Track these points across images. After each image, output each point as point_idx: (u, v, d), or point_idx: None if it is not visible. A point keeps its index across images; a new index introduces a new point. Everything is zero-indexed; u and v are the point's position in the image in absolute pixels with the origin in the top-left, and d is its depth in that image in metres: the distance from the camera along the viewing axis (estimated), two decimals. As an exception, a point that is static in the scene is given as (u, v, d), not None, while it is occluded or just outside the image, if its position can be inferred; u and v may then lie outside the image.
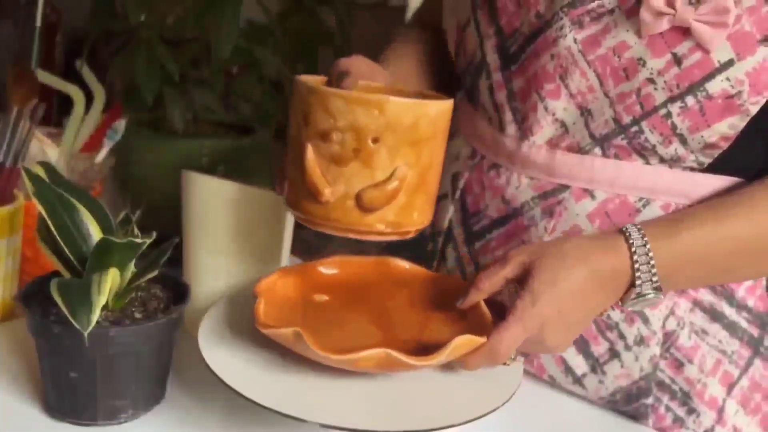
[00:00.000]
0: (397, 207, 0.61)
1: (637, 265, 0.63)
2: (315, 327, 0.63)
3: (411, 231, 0.63)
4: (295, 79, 0.61)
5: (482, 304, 0.66)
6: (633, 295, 0.64)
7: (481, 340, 0.61)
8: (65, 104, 0.94)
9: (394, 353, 0.57)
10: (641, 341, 0.70)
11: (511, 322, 0.61)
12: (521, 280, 0.63)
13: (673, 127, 0.65)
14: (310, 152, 0.60)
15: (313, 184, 0.60)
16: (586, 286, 0.63)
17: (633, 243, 0.63)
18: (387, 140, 0.58)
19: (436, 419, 0.58)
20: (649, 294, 0.63)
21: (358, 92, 0.59)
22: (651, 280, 0.63)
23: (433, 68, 0.85)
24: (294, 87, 0.62)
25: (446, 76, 0.86)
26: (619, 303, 0.65)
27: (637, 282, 0.63)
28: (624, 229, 0.64)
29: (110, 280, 0.59)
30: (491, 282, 0.64)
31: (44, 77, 0.92)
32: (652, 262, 0.63)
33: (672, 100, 0.64)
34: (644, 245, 0.63)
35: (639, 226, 0.64)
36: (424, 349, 0.62)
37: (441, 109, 0.61)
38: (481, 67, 0.75)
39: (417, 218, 0.63)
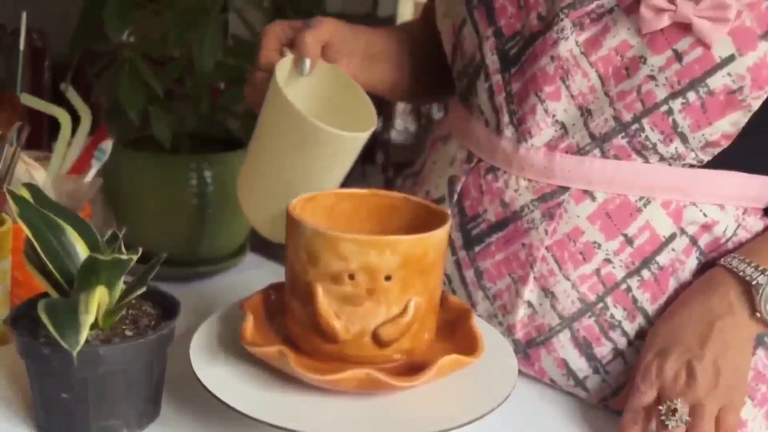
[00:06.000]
0: (410, 334, 0.61)
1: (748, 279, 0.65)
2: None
3: (421, 352, 0.63)
4: (295, 220, 0.60)
5: (473, 322, 0.65)
6: (760, 298, 0.65)
7: (468, 360, 0.61)
8: (57, 128, 0.94)
9: (376, 374, 0.57)
10: (643, 335, 0.70)
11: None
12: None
13: (674, 125, 0.65)
14: (321, 295, 0.59)
15: (329, 327, 0.59)
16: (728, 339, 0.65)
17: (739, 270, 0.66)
18: (399, 276, 0.58)
19: (431, 424, 0.58)
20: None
21: (368, 236, 0.59)
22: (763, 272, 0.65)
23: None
24: (293, 225, 0.60)
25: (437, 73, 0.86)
26: (758, 315, 0.65)
27: (754, 283, 0.64)
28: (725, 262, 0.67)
29: (97, 299, 0.59)
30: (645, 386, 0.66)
31: (29, 101, 0.92)
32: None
33: (673, 96, 0.64)
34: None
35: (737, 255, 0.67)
36: (410, 366, 0.61)
37: (445, 231, 0.61)
38: (480, 68, 0.74)
39: (427, 337, 0.63)
